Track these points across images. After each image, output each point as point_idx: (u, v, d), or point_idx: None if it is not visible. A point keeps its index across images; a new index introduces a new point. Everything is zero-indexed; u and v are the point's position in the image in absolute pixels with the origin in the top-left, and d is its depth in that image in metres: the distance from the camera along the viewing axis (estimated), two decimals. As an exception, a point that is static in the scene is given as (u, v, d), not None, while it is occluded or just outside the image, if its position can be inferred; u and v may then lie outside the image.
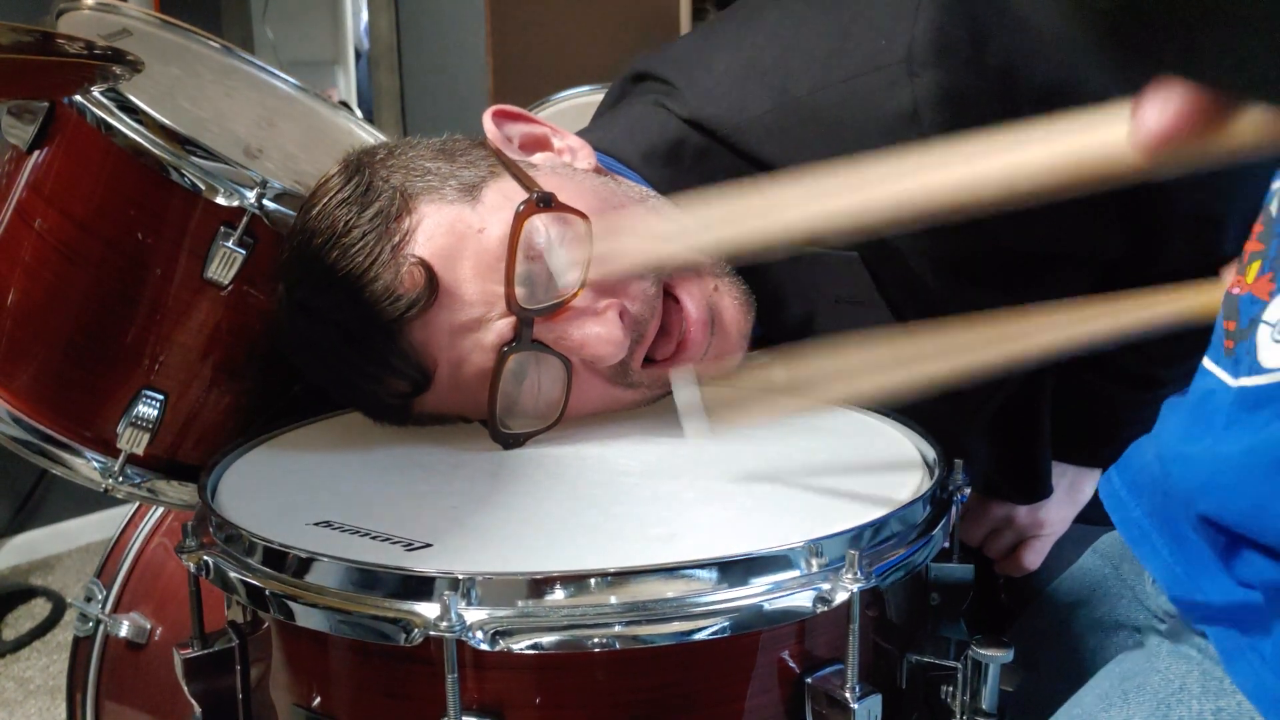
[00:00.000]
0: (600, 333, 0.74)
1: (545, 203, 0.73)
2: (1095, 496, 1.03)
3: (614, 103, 0.97)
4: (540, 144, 0.86)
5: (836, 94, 0.76)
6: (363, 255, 0.73)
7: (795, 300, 0.84)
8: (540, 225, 0.73)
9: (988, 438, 1.01)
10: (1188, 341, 0.95)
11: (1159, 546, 0.66)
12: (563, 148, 0.85)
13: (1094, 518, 1.03)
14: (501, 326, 0.73)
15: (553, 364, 0.76)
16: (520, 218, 0.72)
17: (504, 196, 0.75)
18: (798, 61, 0.79)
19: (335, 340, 0.75)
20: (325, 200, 0.76)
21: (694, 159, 0.83)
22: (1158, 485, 0.65)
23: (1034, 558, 1.04)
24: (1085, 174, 0.48)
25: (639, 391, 0.81)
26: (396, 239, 0.73)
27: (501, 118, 0.85)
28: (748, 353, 0.94)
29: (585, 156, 0.84)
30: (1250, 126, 0.38)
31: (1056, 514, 1.03)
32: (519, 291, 0.72)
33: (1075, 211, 0.77)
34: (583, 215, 0.74)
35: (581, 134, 0.89)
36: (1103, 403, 0.99)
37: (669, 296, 0.79)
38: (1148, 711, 0.63)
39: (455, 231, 0.73)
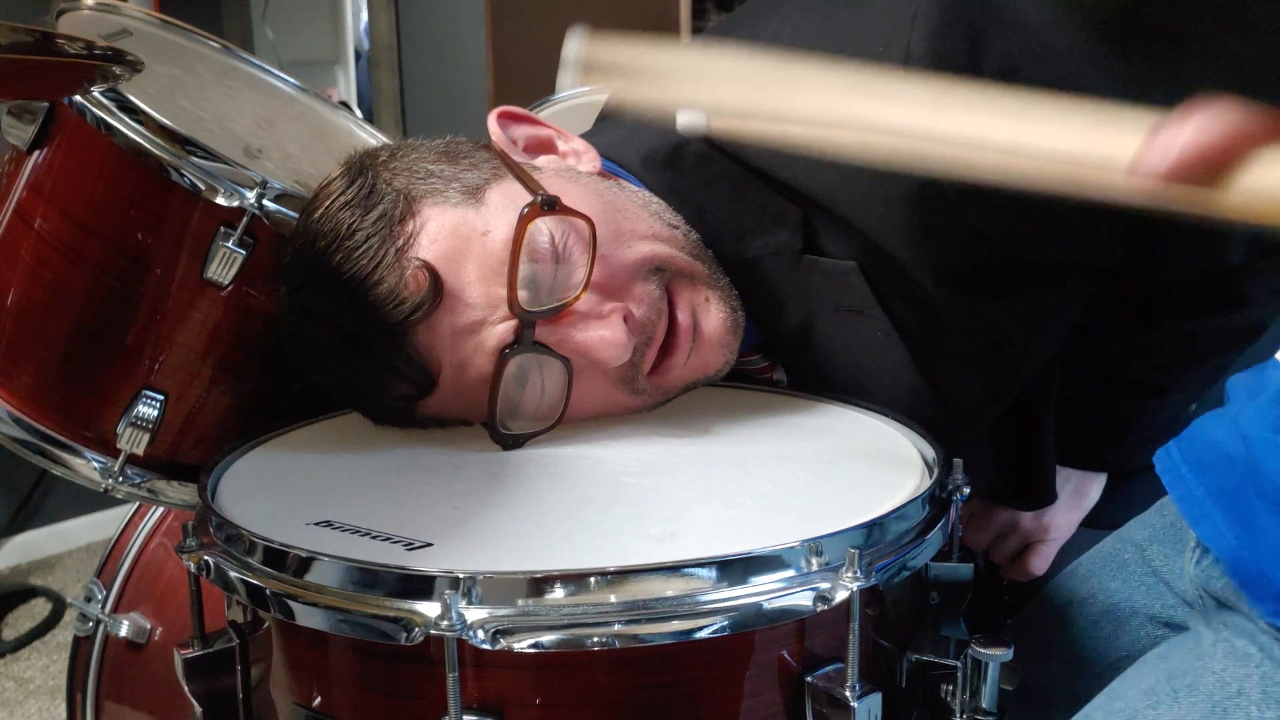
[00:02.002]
0: (605, 335, 0.74)
1: (550, 205, 0.73)
2: (1100, 501, 1.04)
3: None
4: (545, 146, 0.86)
5: None
6: (367, 258, 0.72)
7: (794, 307, 0.84)
8: (544, 228, 0.73)
9: (991, 444, 1.01)
10: (1195, 350, 0.95)
11: (1222, 526, 0.64)
12: (567, 150, 0.85)
13: (1099, 522, 1.03)
14: (503, 329, 0.73)
15: (555, 366, 0.75)
16: (524, 220, 0.72)
17: (508, 199, 0.75)
18: None
19: (338, 344, 0.75)
20: (328, 203, 0.75)
21: (693, 164, 0.83)
22: (1234, 465, 0.63)
23: (1040, 563, 1.04)
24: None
25: (641, 398, 0.81)
26: (400, 242, 0.73)
27: (507, 119, 0.85)
28: (748, 357, 0.95)
29: (590, 160, 0.84)
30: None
31: (1062, 519, 1.03)
32: (522, 294, 0.72)
33: (1076, 220, 0.77)
34: (587, 218, 0.74)
35: (584, 137, 0.89)
36: (1109, 410, 0.99)
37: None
38: (1201, 714, 0.61)
39: (459, 234, 0.73)
